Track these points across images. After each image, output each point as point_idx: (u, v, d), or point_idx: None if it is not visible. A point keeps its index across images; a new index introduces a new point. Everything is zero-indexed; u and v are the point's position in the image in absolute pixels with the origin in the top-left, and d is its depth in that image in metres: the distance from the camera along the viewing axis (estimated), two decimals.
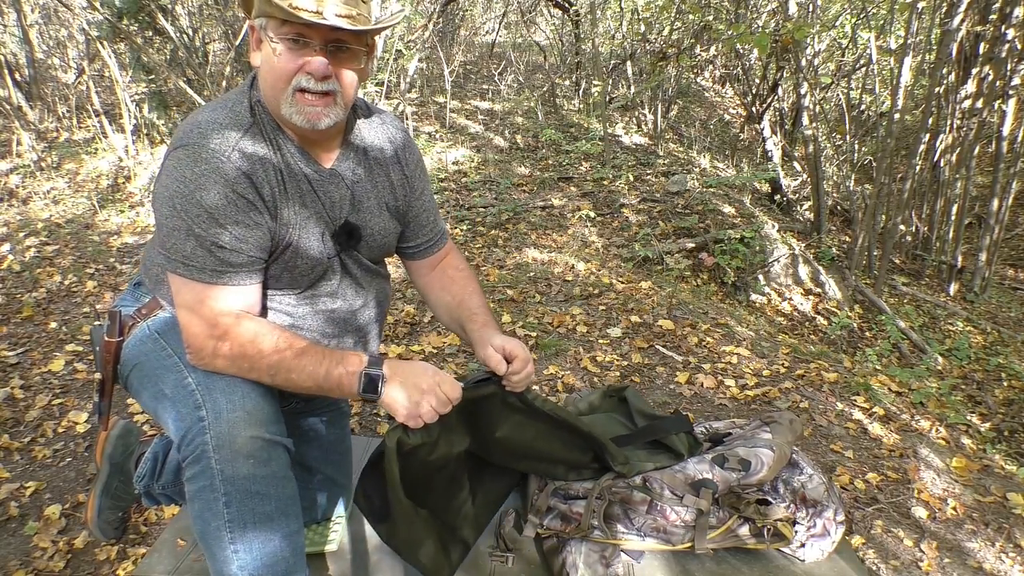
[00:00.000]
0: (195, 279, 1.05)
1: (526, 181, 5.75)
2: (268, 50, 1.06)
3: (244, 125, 1.09)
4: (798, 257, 4.80)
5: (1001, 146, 5.07)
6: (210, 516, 1.04)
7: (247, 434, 1.03)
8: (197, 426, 1.03)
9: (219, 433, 1.02)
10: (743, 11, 6.49)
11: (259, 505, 1.05)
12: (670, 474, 1.37)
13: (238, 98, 1.12)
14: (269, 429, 1.06)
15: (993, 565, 1.81)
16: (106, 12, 5.31)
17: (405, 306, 3.30)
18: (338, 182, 1.20)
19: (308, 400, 1.44)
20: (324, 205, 1.18)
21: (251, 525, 1.05)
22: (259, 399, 1.07)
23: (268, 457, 1.05)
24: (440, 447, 1.19)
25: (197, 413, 1.04)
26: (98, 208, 4.82)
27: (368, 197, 1.25)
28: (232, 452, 1.02)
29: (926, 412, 2.76)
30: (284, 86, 1.07)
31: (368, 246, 1.27)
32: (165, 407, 1.10)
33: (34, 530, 1.86)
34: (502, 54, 9.94)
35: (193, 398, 1.06)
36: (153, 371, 1.14)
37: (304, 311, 1.22)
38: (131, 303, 1.26)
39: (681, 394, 2.63)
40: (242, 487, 1.03)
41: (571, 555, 1.33)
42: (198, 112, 1.10)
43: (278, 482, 1.07)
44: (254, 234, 1.08)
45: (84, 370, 2.73)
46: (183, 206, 1.03)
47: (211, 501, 1.03)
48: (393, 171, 1.30)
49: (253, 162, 1.08)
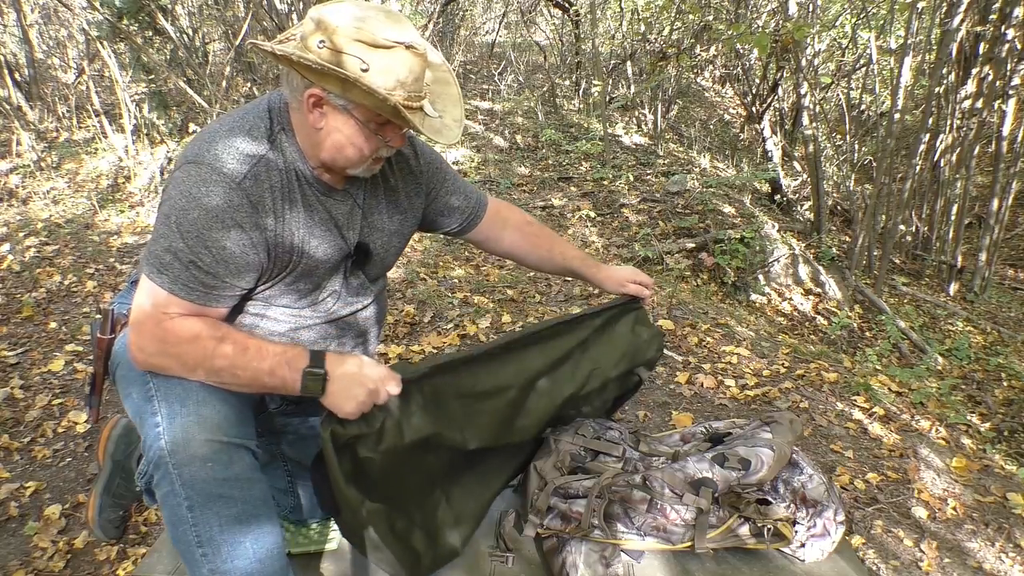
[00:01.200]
0: (163, 287, 1.04)
1: (526, 181, 5.75)
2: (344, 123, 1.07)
3: (261, 151, 1.08)
4: (798, 257, 4.80)
5: (1001, 146, 5.07)
6: (177, 520, 1.05)
7: (202, 438, 1.03)
8: (153, 432, 1.04)
9: (173, 439, 1.02)
10: (743, 11, 6.49)
11: (223, 508, 1.05)
12: (670, 472, 1.37)
13: (255, 122, 1.10)
14: (228, 432, 1.06)
15: (993, 565, 1.81)
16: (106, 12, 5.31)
17: (405, 306, 3.30)
18: (350, 202, 1.21)
19: (297, 402, 1.44)
20: (338, 226, 1.19)
21: (217, 528, 1.05)
22: (217, 403, 1.07)
23: (229, 460, 1.05)
24: (388, 436, 1.16)
25: (153, 419, 1.05)
26: (98, 208, 4.82)
27: (377, 215, 1.27)
28: (188, 456, 1.02)
29: (926, 412, 2.76)
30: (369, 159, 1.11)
31: (375, 264, 1.29)
32: (135, 410, 1.11)
33: (34, 530, 1.86)
34: (502, 54, 9.94)
35: (151, 404, 1.06)
36: (128, 373, 1.14)
37: (305, 317, 1.22)
38: (127, 301, 1.27)
39: (681, 394, 2.63)
40: (203, 491, 1.03)
41: (571, 555, 1.33)
42: (216, 128, 1.09)
43: (242, 484, 1.07)
44: (237, 263, 1.07)
45: (84, 370, 2.73)
46: (178, 219, 1.03)
47: (175, 506, 1.04)
48: (404, 183, 1.31)
49: (262, 189, 1.07)
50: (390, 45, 1.00)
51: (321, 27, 1.00)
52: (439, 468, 1.31)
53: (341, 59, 0.99)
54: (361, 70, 0.99)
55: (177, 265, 1.04)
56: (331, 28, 0.99)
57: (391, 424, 1.16)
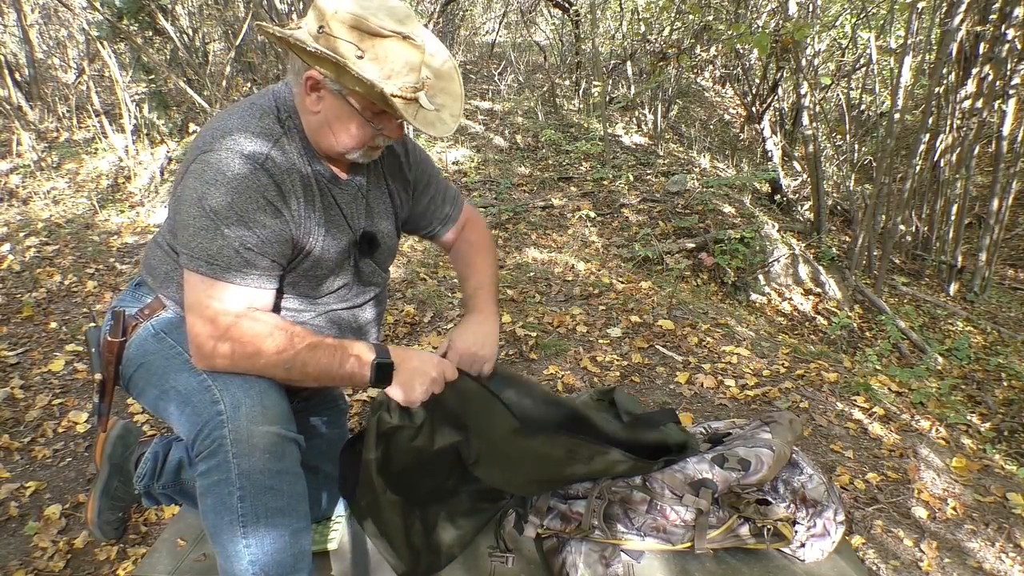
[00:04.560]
0: (217, 277, 1.06)
1: (526, 181, 5.75)
2: (340, 108, 1.08)
3: (274, 136, 1.10)
4: (798, 257, 4.80)
5: (1001, 146, 5.07)
6: (223, 510, 1.04)
7: (264, 429, 1.04)
8: (215, 420, 1.03)
9: (238, 427, 1.03)
10: (743, 11, 6.49)
11: (272, 500, 1.06)
12: (670, 474, 1.37)
13: (264, 110, 1.12)
14: (285, 425, 1.07)
15: (993, 565, 1.81)
16: (106, 12, 5.31)
17: (405, 306, 3.30)
18: (355, 192, 1.23)
19: (307, 399, 1.45)
20: (345, 215, 1.21)
21: (263, 520, 1.05)
22: (275, 395, 1.09)
23: (282, 453, 1.06)
24: (422, 435, 1.20)
25: (215, 407, 1.04)
26: (98, 208, 4.82)
27: (379, 205, 1.28)
28: (250, 446, 1.03)
29: (926, 412, 2.75)
30: (363, 146, 1.12)
31: (382, 253, 1.31)
32: (176, 404, 1.10)
33: (34, 530, 1.86)
34: (502, 54, 9.93)
35: (210, 393, 1.06)
36: (161, 369, 1.15)
37: (308, 312, 1.23)
38: (133, 303, 1.26)
39: (681, 394, 2.63)
40: (257, 482, 1.04)
41: (571, 555, 1.33)
42: (225, 119, 1.10)
43: (290, 478, 1.08)
44: (279, 240, 1.10)
45: (84, 370, 2.73)
46: (214, 207, 1.03)
47: (225, 496, 1.04)
48: (397, 179, 1.33)
49: (282, 172, 1.09)
50: (386, 34, 1.01)
51: (320, 12, 1.02)
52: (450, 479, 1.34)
53: (335, 44, 1.00)
54: (356, 56, 1.00)
55: (228, 252, 1.05)
56: (329, 13, 1.01)
57: (427, 426, 1.20)
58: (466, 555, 1.38)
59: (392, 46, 1.02)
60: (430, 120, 1.10)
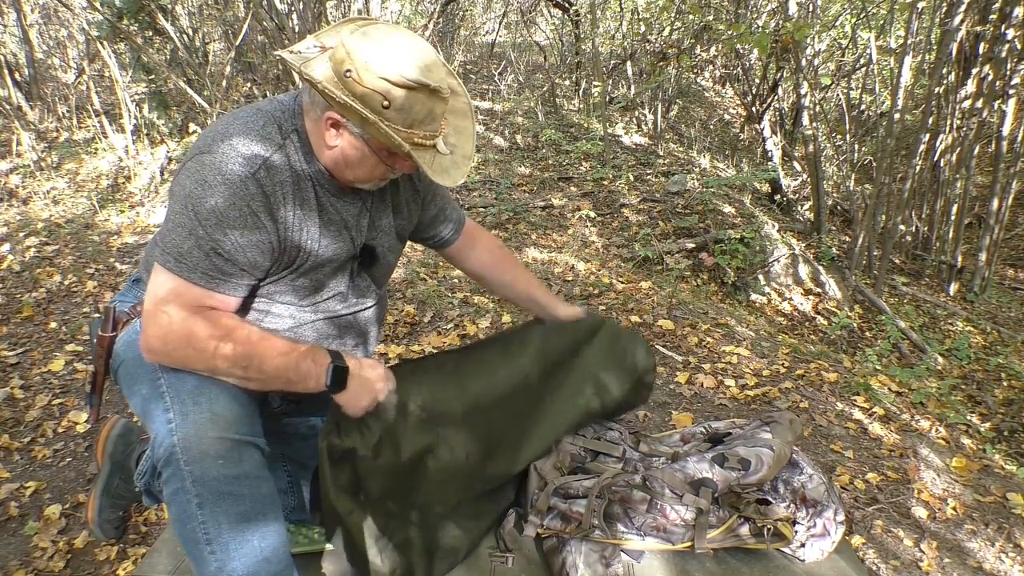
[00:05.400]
0: (183, 276, 1.05)
1: (526, 181, 5.75)
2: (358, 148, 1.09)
3: (274, 144, 1.09)
4: (798, 257, 4.80)
5: (1001, 146, 5.07)
6: (185, 518, 1.05)
7: (213, 435, 1.03)
8: (165, 428, 1.04)
9: (185, 435, 1.03)
10: (743, 11, 6.49)
11: (232, 506, 1.05)
12: (670, 473, 1.37)
13: (268, 118, 1.11)
14: (238, 430, 1.06)
15: (993, 565, 1.81)
16: (106, 12, 5.31)
17: (405, 306, 3.30)
18: (359, 204, 1.22)
19: (298, 401, 1.45)
20: (348, 227, 1.21)
21: (226, 526, 1.05)
22: (228, 401, 1.08)
23: (239, 457, 1.06)
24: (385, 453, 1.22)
25: (165, 415, 1.05)
26: (98, 208, 4.82)
27: (382, 217, 1.28)
28: (200, 453, 1.03)
29: (926, 412, 2.76)
30: (374, 179, 1.15)
31: (380, 266, 1.31)
32: (139, 409, 1.12)
33: (34, 530, 1.86)
34: (502, 54, 9.93)
35: (163, 401, 1.07)
36: (133, 371, 1.15)
37: (307, 316, 1.23)
38: (128, 299, 1.27)
39: (681, 394, 2.63)
40: (213, 488, 1.04)
41: (571, 555, 1.33)
42: (228, 122, 1.10)
43: (251, 482, 1.08)
44: (255, 252, 1.09)
45: (84, 370, 2.73)
46: (196, 207, 1.03)
47: (184, 503, 1.04)
48: (405, 189, 1.33)
49: (274, 183, 1.08)
50: (413, 86, 1.00)
51: (348, 55, 0.99)
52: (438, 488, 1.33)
53: (364, 94, 0.99)
54: (382, 106, 1.00)
55: (197, 253, 1.05)
56: (359, 63, 0.98)
57: (388, 439, 1.22)
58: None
59: (420, 97, 1.01)
60: (444, 167, 1.10)
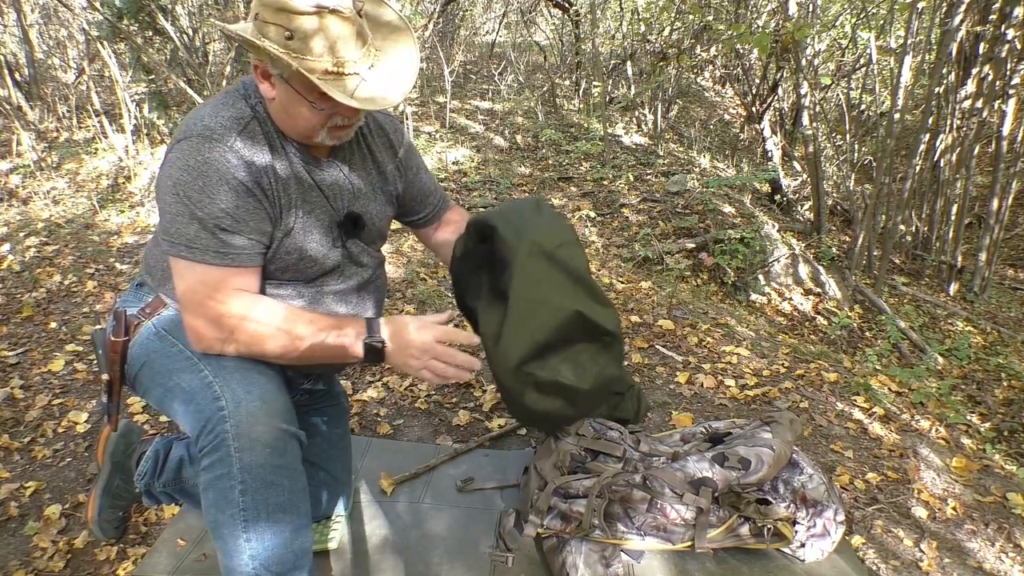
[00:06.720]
0: (198, 260, 1.07)
1: (526, 181, 5.75)
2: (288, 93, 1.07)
3: (244, 120, 1.11)
4: (798, 257, 4.80)
5: (1001, 146, 5.07)
6: (224, 504, 1.05)
7: (266, 424, 1.05)
8: (217, 415, 1.04)
9: (239, 422, 1.03)
10: (743, 11, 6.49)
11: (273, 495, 1.06)
12: (670, 472, 1.37)
13: (236, 99, 1.14)
14: (285, 419, 1.08)
15: (993, 565, 1.81)
16: (106, 12, 5.31)
17: (405, 306, 3.30)
18: (336, 173, 1.23)
19: (310, 392, 1.46)
20: (327, 197, 1.21)
21: (264, 515, 1.06)
22: (275, 390, 1.10)
23: (284, 448, 1.07)
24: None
25: (216, 403, 1.05)
26: (98, 208, 4.82)
27: (365, 184, 1.29)
28: (251, 441, 1.03)
29: (926, 412, 2.76)
30: (319, 129, 1.11)
31: (369, 232, 1.31)
32: (180, 401, 1.11)
33: (34, 530, 1.85)
34: (502, 54, 9.93)
35: (211, 389, 1.07)
36: (164, 367, 1.15)
37: (310, 293, 1.24)
38: (134, 303, 1.27)
39: (681, 394, 2.63)
40: (258, 476, 1.04)
41: (571, 555, 1.33)
42: (200, 108, 1.12)
43: (291, 474, 1.09)
44: (255, 219, 1.11)
45: (84, 370, 2.73)
46: (186, 192, 1.05)
47: (227, 490, 1.04)
48: (386, 156, 1.34)
49: (255, 156, 1.10)
50: (311, 11, 0.99)
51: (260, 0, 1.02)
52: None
53: (267, 30, 1.00)
54: (285, 39, 1.00)
55: (204, 235, 1.06)
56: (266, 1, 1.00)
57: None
58: (466, 555, 1.39)
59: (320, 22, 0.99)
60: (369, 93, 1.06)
